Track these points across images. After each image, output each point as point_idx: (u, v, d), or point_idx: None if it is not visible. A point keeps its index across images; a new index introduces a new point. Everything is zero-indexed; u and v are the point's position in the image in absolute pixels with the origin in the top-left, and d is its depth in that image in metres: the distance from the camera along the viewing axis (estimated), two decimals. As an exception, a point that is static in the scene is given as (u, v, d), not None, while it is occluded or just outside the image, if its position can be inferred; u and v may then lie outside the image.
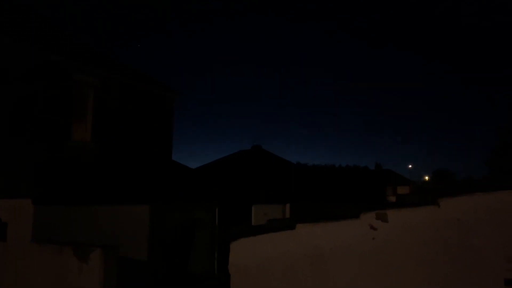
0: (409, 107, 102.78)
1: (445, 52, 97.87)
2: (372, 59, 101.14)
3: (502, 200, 3.23)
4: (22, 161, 10.79)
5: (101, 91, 13.09)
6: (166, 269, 9.12)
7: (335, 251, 3.66)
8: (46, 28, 14.43)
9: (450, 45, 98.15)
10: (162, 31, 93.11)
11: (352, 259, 3.60)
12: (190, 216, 10.12)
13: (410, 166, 58.19)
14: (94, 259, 4.68)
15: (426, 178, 52.75)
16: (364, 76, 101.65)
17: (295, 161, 24.28)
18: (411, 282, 3.39)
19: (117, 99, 13.68)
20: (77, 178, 11.38)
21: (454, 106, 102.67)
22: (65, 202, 9.25)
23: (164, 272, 9.04)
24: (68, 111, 12.19)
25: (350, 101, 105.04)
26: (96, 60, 13.63)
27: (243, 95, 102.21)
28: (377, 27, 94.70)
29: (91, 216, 8.45)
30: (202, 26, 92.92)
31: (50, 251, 5.20)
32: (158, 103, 15.29)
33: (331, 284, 3.66)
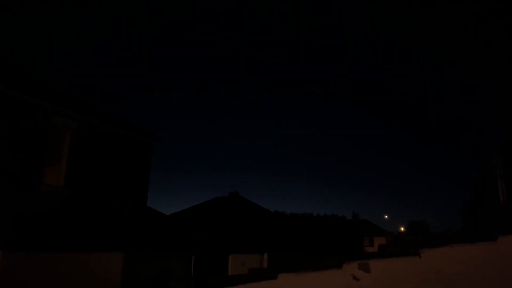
0: (385, 158, 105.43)
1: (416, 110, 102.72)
2: (346, 111, 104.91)
3: (479, 252, 3.30)
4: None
5: (78, 135, 12.91)
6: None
7: (318, 302, 3.60)
8: (24, 72, 14.43)
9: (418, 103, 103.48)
10: (142, 78, 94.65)
11: (335, 311, 3.54)
12: (166, 265, 9.73)
13: (386, 216, 58.53)
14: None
15: (402, 229, 53.06)
16: (340, 126, 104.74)
17: (272, 209, 24.08)
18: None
19: (94, 143, 13.49)
20: (47, 223, 10.90)
21: (429, 158, 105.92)
22: (34, 248, 8.79)
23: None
24: (41, 154, 11.90)
25: (327, 151, 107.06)
26: (74, 103, 13.56)
27: (219, 142, 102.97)
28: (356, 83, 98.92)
29: (60, 263, 8.02)
30: (182, 74, 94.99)
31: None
32: (136, 148, 15.16)
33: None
